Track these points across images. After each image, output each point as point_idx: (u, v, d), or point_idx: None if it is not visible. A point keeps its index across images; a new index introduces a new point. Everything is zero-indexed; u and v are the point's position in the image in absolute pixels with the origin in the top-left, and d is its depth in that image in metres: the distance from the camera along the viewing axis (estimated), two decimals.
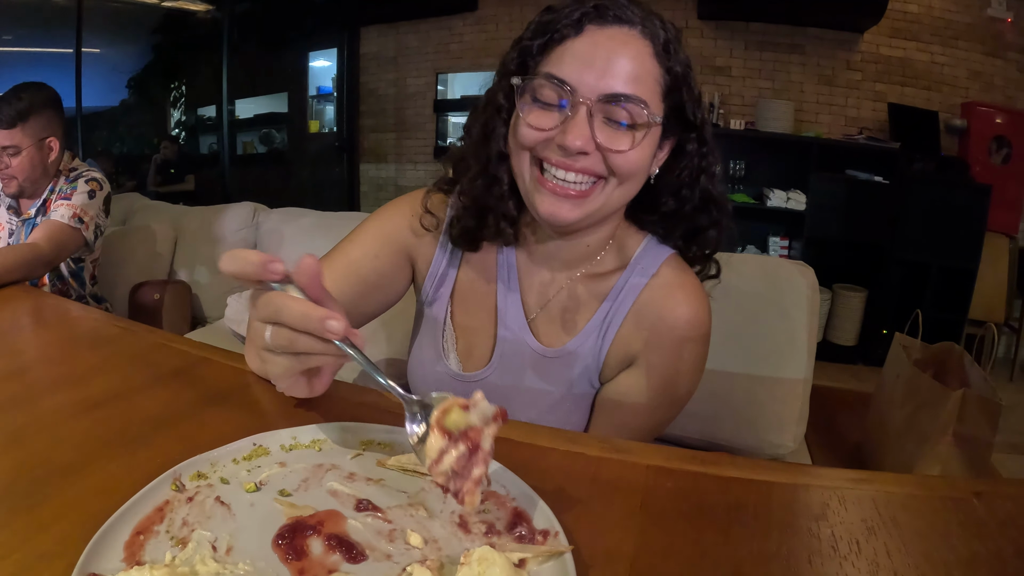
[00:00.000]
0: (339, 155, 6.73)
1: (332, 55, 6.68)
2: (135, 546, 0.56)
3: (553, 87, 0.90)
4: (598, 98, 0.89)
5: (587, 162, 0.91)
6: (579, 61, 0.90)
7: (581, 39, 0.91)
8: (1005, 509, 0.69)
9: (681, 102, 0.96)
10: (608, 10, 0.91)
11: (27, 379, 0.95)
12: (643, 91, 0.90)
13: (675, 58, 0.94)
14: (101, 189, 2.27)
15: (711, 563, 0.59)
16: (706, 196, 1.04)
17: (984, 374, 1.73)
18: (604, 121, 0.90)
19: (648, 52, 0.91)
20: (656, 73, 0.92)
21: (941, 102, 4.90)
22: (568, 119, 0.90)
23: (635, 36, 0.91)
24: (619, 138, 0.91)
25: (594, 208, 0.95)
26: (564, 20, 0.91)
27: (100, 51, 5.44)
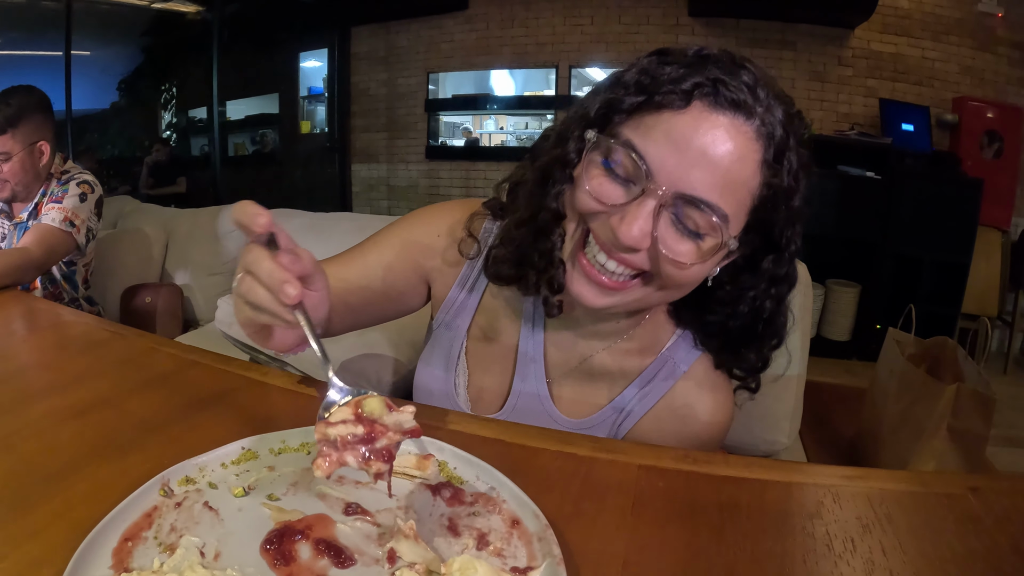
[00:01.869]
0: (330, 155, 6.71)
1: (323, 55, 6.67)
2: (123, 553, 0.56)
3: (629, 159, 0.76)
4: (675, 193, 0.75)
5: (636, 258, 0.79)
6: (669, 142, 0.74)
7: (682, 117, 0.75)
8: (1001, 504, 0.69)
9: (772, 219, 0.82)
10: (727, 89, 0.74)
11: (17, 384, 0.95)
12: (730, 203, 0.76)
13: (784, 169, 0.78)
14: (92, 192, 2.26)
15: (704, 563, 0.59)
16: (764, 320, 0.90)
17: (978, 368, 1.73)
18: (672, 220, 0.77)
19: (755, 158, 0.76)
20: (753, 184, 0.77)
21: (932, 97, 4.91)
22: (632, 205, 0.76)
23: (747, 134, 0.75)
24: (681, 246, 0.77)
25: (627, 302, 0.84)
26: (671, 86, 0.75)
27: (90, 53, 5.41)
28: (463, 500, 0.65)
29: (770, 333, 0.92)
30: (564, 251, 0.86)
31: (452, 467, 0.71)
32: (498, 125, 6.37)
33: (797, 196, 0.81)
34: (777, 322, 0.91)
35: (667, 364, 0.96)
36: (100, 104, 5.73)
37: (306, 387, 0.92)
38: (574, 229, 0.84)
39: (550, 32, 5.63)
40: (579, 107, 0.87)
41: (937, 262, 4.40)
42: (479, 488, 0.67)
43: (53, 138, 2.23)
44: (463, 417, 0.86)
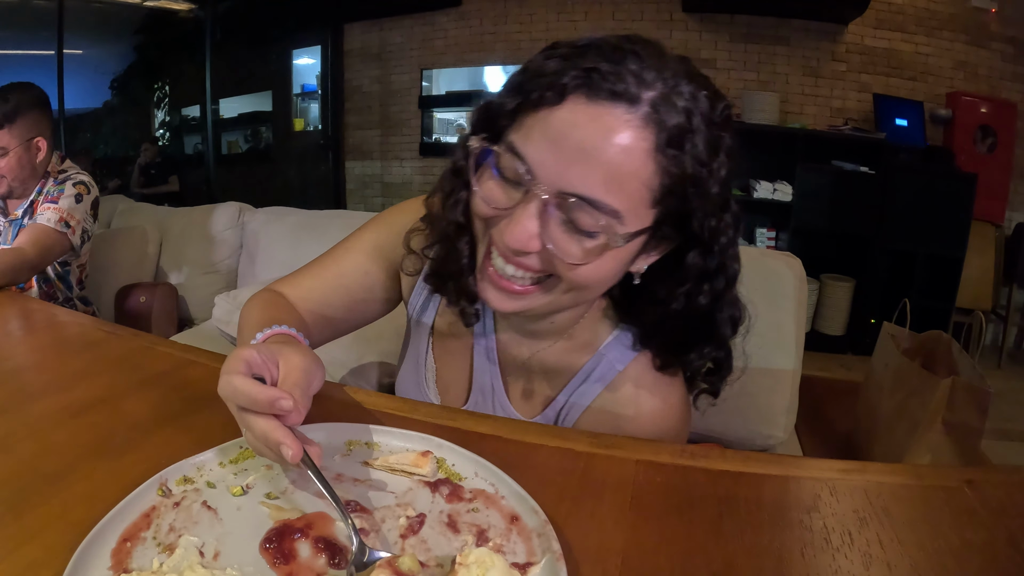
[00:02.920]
0: (324, 153, 6.70)
1: (316, 52, 6.66)
2: (122, 554, 0.56)
3: (512, 162, 0.73)
4: (557, 192, 0.71)
5: (532, 260, 0.76)
6: (547, 140, 0.71)
7: (558, 112, 0.71)
8: (996, 497, 0.69)
9: (686, 209, 0.76)
10: (604, 80, 0.69)
11: (12, 385, 0.95)
12: (619, 198, 0.71)
13: (687, 155, 0.72)
14: (88, 193, 2.25)
15: (703, 557, 0.59)
16: (700, 320, 0.86)
17: (972, 362, 1.73)
18: (561, 220, 0.73)
19: (645, 147, 0.70)
20: (647, 174, 0.71)
21: (926, 92, 4.92)
22: (517, 207, 0.73)
23: (632, 123, 0.69)
24: (571, 245, 0.73)
25: (535, 306, 0.81)
26: (546, 79, 0.72)
27: (82, 52, 5.40)
28: (462, 497, 0.65)
29: (708, 333, 0.87)
30: (477, 259, 0.84)
31: (450, 464, 0.71)
32: None
33: (712, 183, 0.75)
34: (716, 319, 0.86)
35: (602, 363, 0.93)
36: (93, 103, 5.72)
37: None
38: (480, 235, 0.82)
39: (544, 28, 5.63)
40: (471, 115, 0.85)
41: (931, 256, 4.42)
42: (478, 485, 0.67)
43: (50, 135, 2.22)
44: (460, 414, 0.86)
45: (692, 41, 5.21)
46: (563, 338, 0.95)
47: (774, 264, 1.69)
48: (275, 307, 0.99)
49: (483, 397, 1.02)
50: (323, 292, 1.04)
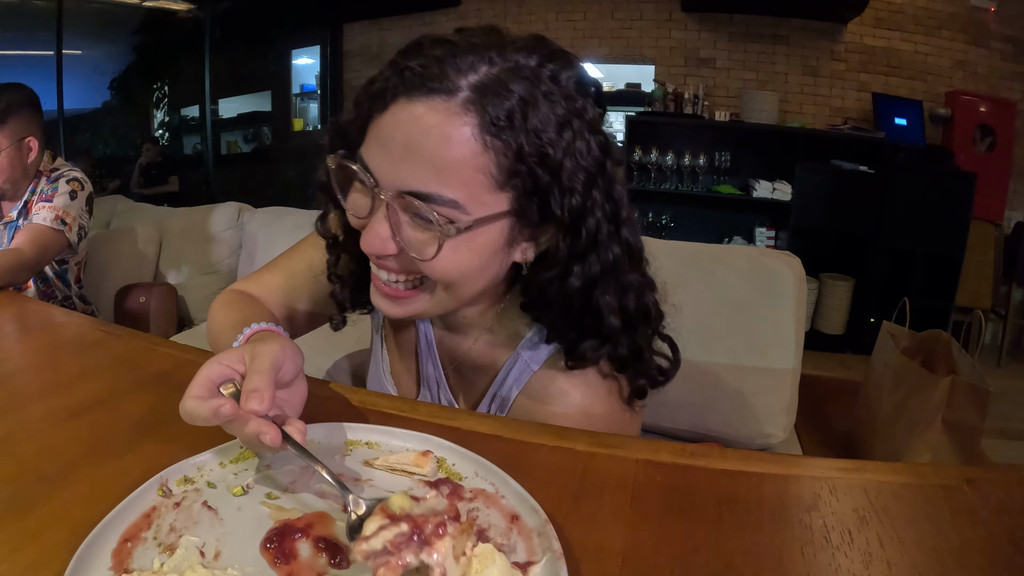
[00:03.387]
0: (324, 153, 6.68)
1: (315, 52, 6.64)
2: (123, 554, 0.56)
3: (357, 173, 0.76)
4: (396, 193, 0.73)
5: (401, 262, 0.78)
6: (379, 146, 0.74)
7: (384, 117, 0.73)
8: (996, 496, 0.69)
9: (541, 188, 0.74)
10: (414, 75, 0.71)
11: (12, 386, 0.95)
12: (452, 184, 0.71)
13: (518, 130, 0.71)
14: (83, 189, 2.25)
15: (703, 557, 0.59)
16: (584, 305, 0.82)
17: (972, 361, 1.74)
18: (409, 219, 0.75)
19: (468, 133, 0.70)
20: (479, 160, 0.71)
21: (925, 91, 4.92)
22: (370, 214, 0.76)
23: (451, 111, 0.70)
24: (421, 240, 0.74)
25: (423, 309, 0.83)
26: (375, 89, 0.75)
27: (81, 53, 5.39)
28: (462, 496, 0.65)
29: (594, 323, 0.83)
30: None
31: (451, 463, 0.71)
32: None
33: (562, 156, 0.73)
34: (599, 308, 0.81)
35: (518, 362, 0.92)
36: (92, 103, 5.71)
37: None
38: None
39: (543, 28, 5.62)
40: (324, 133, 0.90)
41: (930, 255, 4.41)
42: (478, 484, 0.67)
43: (42, 135, 2.21)
44: (460, 413, 0.86)
45: (691, 40, 5.21)
46: (485, 331, 0.95)
47: (773, 263, 1.69)
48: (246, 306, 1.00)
49: (429, 389, 1.04)
50: (291, 286, 1.07)
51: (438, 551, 0.53)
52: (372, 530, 0.54)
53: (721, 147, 5.04)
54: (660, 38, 5.26)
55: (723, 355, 1.65)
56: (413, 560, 0.53)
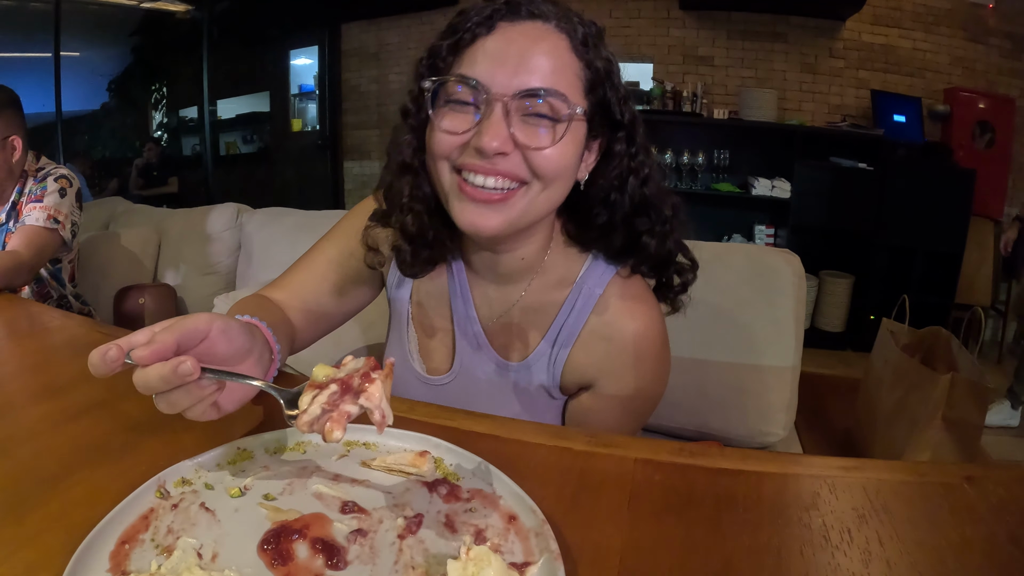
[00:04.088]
0: (322, 153, 6.69)
1: (313, 53, 6.64)
2: (120, 556, 0.56)
3: (466, 87, 0.85)
4: (514, 94, 0.83)
5: (508, 164, 0.85)
6: (491, 59, 0.85)
7: (493, 37, 0.86)
8: (997, 494, 0.69)
9: (606, 99, 0.91)
10: (520, 6, 0.87)
11: (10, 389, 0.95)
12: (561, 84, 0.85)
13: (595, 52, 0.89)
14: (71, 186, 2.23)
15: (701, 556, 0.59)
16: (639, 201, 0.96)
17: (972, 358, 1.74)
18: (522, 119, 0.85)
19: (565, 45, 0.87)
20: (575, 67, 0.87)
21: (924, 88, 4.92)
22: (483, 119, 0.84)
23: (550, 30, 0.86)
24: (539, 135, 0.85)
25: (517, 214, 0.89)
26: (475, 18, 0.87)
27: (79, 54, 5.38)
28: (460, 497, 0.65)
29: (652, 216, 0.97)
30: (445, 195, 0.91)
31: (448, 463, 0.71)
32: None
33: (615, 76, 0.91)
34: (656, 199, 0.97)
35: (583, 291, 1.00)
36: (91, 105, 5.70)
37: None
38: (446, 173, 0.89)
39: None
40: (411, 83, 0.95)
41: (930, 252, 4.42)
42: (475, 484, 0.67)
43: (24, 135, 2.20)
44: (457, 413, 0.86)
45: (689, 38, 5.21)
46: (537, 275, 1.03)
47: (772, 261, 1.69)
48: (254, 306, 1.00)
49: (468, 357, 1.07)
50: (313, 283, 1.10)
51: (371, 396, 0.57)
52: (307, 403, 0.58)
53: (720, 145, 5.05)
54: (658, 36, 5.26)
55: (722, 353, 1.64)
56: (353, 408, 0.56)
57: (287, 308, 1.07)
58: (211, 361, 0.69)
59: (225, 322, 0.71)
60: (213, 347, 0.69)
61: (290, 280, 1.11)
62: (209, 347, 0.69)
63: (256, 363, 0.77)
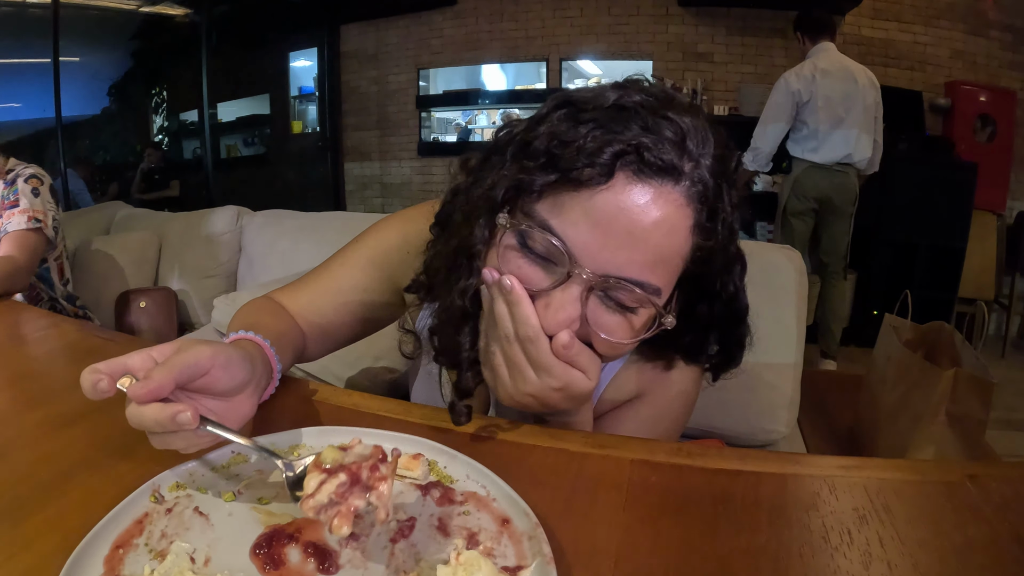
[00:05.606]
0: (323, 155, 6.71)
1: (312, 55, 6.66)
2: (115, 560, 0.55)
3: (548, 243, 0.69)
4: (603, 276, 0.69)
5: None
6: (590, 222, 0.68)
7: (603, 193, 0.67)
8: (1000, 492, 0.68)
9: (706, 273, 0.77)
10: (651, 154, 0.67)
11: (9, 394, 0.95)
12: (661, 277, 0.71)
13: (722, 221, 0.73)
14: (42, 183, 2.23)
15: (698, 558, 0.58)
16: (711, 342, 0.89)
17: (975, 352, 1.73)
18: (600, 298, 0.72)
19: (686, 224, 0.70)
20: (686, 251, 0.72)
21: (925, 82, 4.91)
22: (556, 290, 0.70)
23: (676, 201, 0.68)
24: (613, 323, 0.72)
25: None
26: (587, 156, 0.67)
27: (79, 60, 5.39)
28: (453, 499, 0.65)
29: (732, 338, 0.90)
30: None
31: (442, 466, 0.70)
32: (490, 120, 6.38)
33: (732, 244, 0.77)
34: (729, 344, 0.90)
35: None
36: (91, 110, 5.72)
37: (295, 391, 0.92)
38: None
39: (539, 25, 5.63)
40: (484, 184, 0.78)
41: (933, 247, 4.41)
42: (469, 487, 0.66)
43: None
44: None
45: (689, 35, 5.21)
46: None
47: (774, 257, 1.69)
48: (263, 313, 0.97)
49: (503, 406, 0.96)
50: (321, 307, 1.02)
51: (381, 496, 0.56)
52: (314, 486, 0.56)
53: None
54: (657, 33, 5.26)
55: None
56: (361, 504, 0.55)
57: (299, 320, 1.01)
58: (210, 394, 0.68)
59: (227, 356, 0.68)
60: (213, 382, 0.67)
61: (306, 294, 1.03)
62: (208, 382, 0.67)
63: (254, 391, 0.74)
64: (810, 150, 3.79)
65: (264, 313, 0.97)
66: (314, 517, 0.56)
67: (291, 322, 0.99)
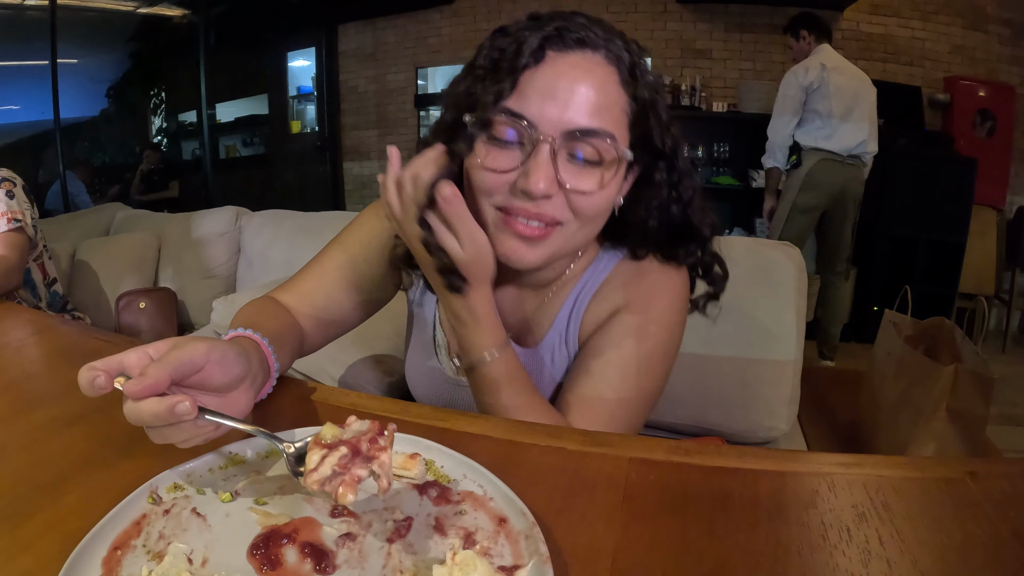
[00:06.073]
0: (322, 154, 6.70)
1: (311, 54, 6.65)
2: (113, 562, 0.56)
3: (512, 123, 0.83)
4: (562, 134, 0.82)
5: (551, 207, 0.85)
6: (540, 93, 0.82)
7: (541, 68, 0.83)
8: (1000, 489, 0.68)
9: (648, 129, 0.89)
10: (570, 32, 0.83)
11: (7, 397, 0.95)
12: (609, 123, 0.84)
13: (642, 82, 0.87)
14: (15, 185, 2.20)
15: (696, 557, 0.58)
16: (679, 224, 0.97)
17: (975, 348, 1.73)
18: (568, 159, 0.84)
19: (614, 79, 0.85)
20: (622, 102, 0.86)
21: (924, 77, 4.90)
22: (530, 160, 0.82)
23: (599, 62, 0.84)
24: (584, 177, 0.84)
25: (555, 250, 0.90)
26: (524, 46, 0.83)
27: (77, 61, 5.38)
28: (450, 499, 0.65)
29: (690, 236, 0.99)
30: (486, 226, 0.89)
31: (439, 466, 0.70)
32: None
33: (660, 105, 0.89)
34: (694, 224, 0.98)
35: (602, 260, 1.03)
36: (90, 112, 5.71)
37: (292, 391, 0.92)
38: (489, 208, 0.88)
39: None
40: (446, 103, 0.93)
41: (933, 242, 4.41)
42: (466, 487, 0.66)
43: None
44: (450, 414, 0.85)
45: (687, 32, 5.20)
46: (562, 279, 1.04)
47: (773, 254, 1.69)
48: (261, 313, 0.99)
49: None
50: (323, 290, 1.07)
51: (383, 464, 0.58)
52: (316, 461, 0.58)
53: (719, 138, 5.05)
54: (655, 30, 5.25)
55: (723, 348, 1.64)
56: (364, 473, 0.57)
57: (296, 313, 1.05)
58: (205, 389, 0.69)
59: (222, 352, 0.70)
60: (208, 378, 0.68)
61: (300, 285, 1.08)
62: (204, 378, 0.68)
63: (250, 386, 0.75)
64: (823, 138, 3.78)
65: (262, 313, 0.99)
66: (318, 489, 0.57)
67: (288, 319, 1.02)
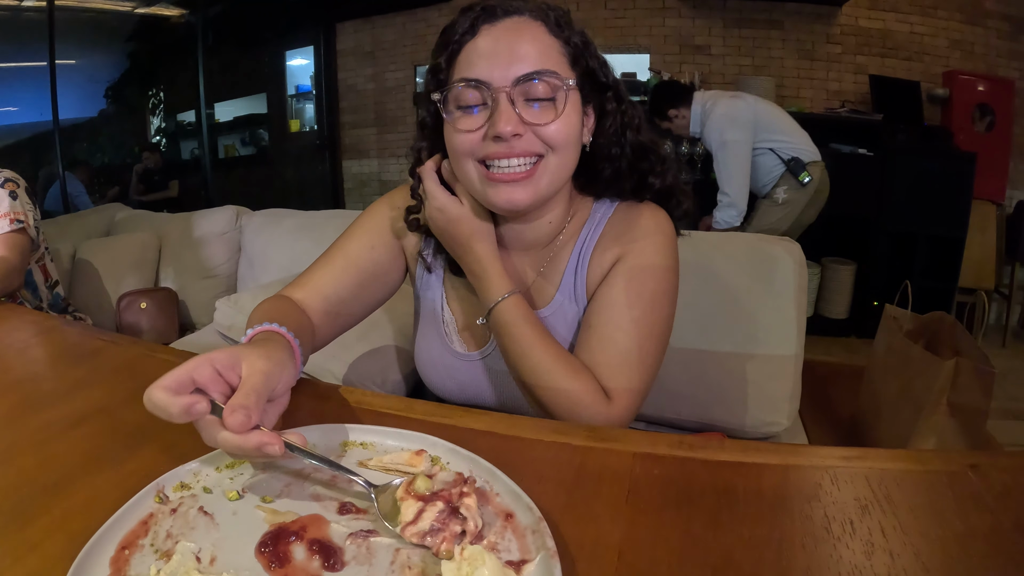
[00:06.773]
0: (321, 153, 6.69)
1: (309, 53, 6.63)
2: (121, 561, 0.56)
3: (470, 88, 0.96)
4: (512, 83, 0.95)
5: (523, 143, 0.97)
6: (484, 57, 0.96)
7: (479, 39, 0.97)
8: (1002, 481, 0.68)
9: (589, 67, 1.03)
10: (496, 8, 0.98)
11: (13, 398, 0.95)
12: (549, 63, 0.96)
13: (570, 30, 1.01)
14: (19, 185, 2.20)
15: (700, 550, 0.58)
16: (637, 147, 1.09)
17: (975, 342, 1.73)
18: (526, 103, 0.96)
19: (543, 30, 0.98)
20: (556, 46, 0.99)
21: (923, 72, 4.90)
22: (493, 111, 0.95)
23: (526, 21, 0.98)
24: (543, 112, 0.97)
25: (543, 185, 1.00)
26: (460, 29, 0.99)
27: (75, 62, 5.37)
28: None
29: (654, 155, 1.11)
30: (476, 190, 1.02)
31: (445, 462, 0.70)
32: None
33: (591, 46, 1.04)
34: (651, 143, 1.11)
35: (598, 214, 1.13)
36: (88, 112, 5.69)
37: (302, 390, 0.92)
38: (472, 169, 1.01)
39: None
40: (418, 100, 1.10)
41: (932, 237, 4.40)
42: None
43: None
44: (456, 411, 0.86)
45: (685, 28, 5.19)
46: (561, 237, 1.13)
47: (773, 250, 1.69)
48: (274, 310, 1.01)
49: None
50: (334, 278, 1.14)
51: (468, 506, 0.59)
52: (413, 514, 0.59)
53: None
54: (654, 26, 5.24)
55: (724, 344, 1.64)
56: (459, 528, 0.58)
57: (306, 307, 1.09)
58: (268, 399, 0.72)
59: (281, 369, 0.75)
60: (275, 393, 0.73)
61: (309, 278, 1.14)
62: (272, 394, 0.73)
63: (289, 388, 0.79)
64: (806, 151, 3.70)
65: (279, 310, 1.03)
66: (418, 543, 0.58)
67: (302, 317, 1.06)
